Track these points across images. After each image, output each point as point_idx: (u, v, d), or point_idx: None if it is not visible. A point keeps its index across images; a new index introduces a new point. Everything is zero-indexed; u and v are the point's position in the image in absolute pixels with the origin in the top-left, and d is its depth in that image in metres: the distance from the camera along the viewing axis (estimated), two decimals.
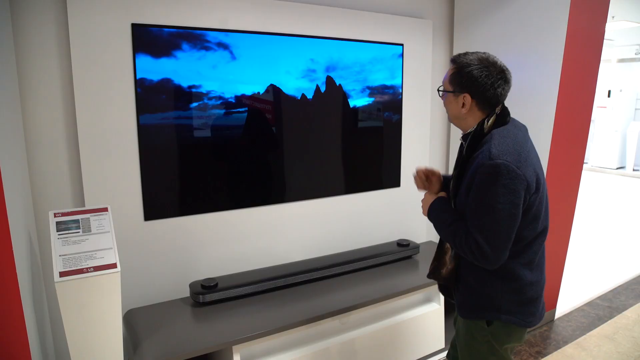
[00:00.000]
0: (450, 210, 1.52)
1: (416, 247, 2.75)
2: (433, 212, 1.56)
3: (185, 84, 2.14)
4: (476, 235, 1.36)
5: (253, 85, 2.33)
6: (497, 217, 1.33)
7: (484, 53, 1.45)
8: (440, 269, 1.61)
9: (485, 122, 1.44)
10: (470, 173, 1.41)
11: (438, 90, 1.54)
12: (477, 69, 1.41)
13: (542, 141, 2.54)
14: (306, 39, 2.47)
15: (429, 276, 1.67)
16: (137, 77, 2.01)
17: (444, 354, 1.73)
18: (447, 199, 1.57)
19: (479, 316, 1.53)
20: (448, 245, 1.59)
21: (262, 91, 2.36)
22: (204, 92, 2.20)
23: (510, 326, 1.51)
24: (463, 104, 1.45)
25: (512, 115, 1.50)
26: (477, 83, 1.42)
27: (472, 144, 1.45)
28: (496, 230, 1.35)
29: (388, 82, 2.82)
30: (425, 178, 1.66)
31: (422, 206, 1.62)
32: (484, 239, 1.35)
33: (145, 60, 2.03)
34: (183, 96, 2.15)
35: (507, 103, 1.48)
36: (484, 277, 1.49)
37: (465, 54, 1.46)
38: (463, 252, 1.43)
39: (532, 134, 1.52)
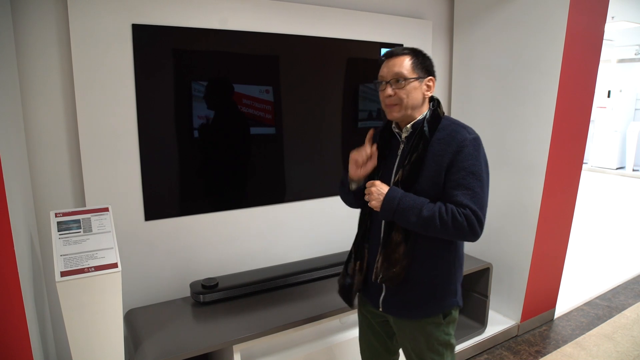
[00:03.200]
0: (414, 195, 1.37)
1: None
2: (394, 202, 1.36)
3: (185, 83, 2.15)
4: (471, 206, 1.32)
5: (256, 85, 2.34)
6: (483, 185, 1.36)
7: None
8: (392, 268, 1.41)
9: (438, 108, 1.46)
10: (440, 154, 1.37)
11: (394, 82, 1.40)
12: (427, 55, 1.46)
13: (541, 141, 2.53)
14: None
15: (381, 280, 1.43)
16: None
17: None
18: (396, 187, 1.40)
19: (437, 310, 1.46)
20: (398, 240, 1.41)
21: (264, 92, 2.37)
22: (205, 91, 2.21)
23: (458, 307, 1.53)
24: (428, 87, 1.44)
25: (513, 115, 1.50)
26: (433, 67, 1.46)
27: (431, 128, 1.41)
28: (484, 198, 1.37)
29: None
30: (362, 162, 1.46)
31: (371, 197, 1.40)
32: (479, 207, 1.33)
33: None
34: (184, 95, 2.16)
35: (507, 103, 1.49)
36: (441, 264, 1.45)
37: (402, 47, 1.46)
38: (452, 230, 1.33)
39: (531, 133, 1.52)
